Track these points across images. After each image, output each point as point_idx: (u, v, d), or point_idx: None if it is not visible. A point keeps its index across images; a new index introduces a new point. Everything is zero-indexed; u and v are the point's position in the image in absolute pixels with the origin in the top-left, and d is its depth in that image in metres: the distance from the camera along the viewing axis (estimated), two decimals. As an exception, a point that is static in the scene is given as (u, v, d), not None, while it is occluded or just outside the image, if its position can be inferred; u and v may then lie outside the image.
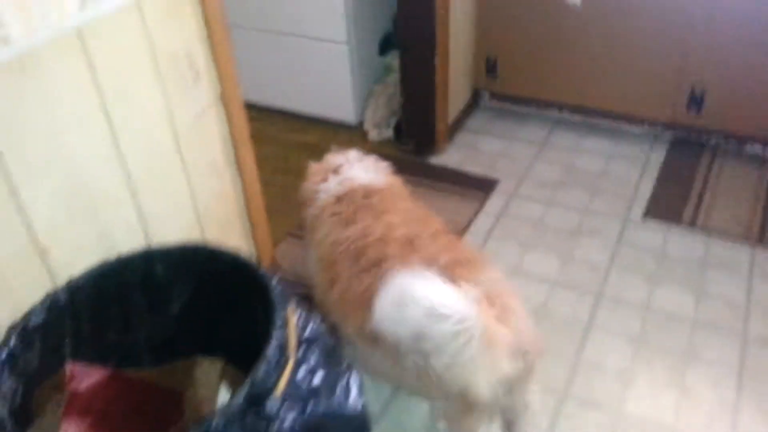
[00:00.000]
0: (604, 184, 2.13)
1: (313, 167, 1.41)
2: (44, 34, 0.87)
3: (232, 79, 1.22)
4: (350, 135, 2.49)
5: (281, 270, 1.67)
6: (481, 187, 2.15)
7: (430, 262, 1.08)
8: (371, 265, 1.11)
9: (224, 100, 1.21)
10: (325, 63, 2.36)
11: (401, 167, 1.92)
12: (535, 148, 2.33)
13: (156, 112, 1.08)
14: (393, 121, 2.39)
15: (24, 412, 0.86)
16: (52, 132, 0.91)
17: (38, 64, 0.87)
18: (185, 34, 1.10)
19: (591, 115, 2.34)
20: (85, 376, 0.90)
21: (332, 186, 1.30)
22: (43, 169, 0.91)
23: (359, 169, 1.34)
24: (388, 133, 2.41)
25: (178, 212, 1.18)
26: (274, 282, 0.92)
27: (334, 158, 1.40)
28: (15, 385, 0.85)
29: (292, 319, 0.90)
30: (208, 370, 1.09)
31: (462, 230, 1.96)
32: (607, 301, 1.71)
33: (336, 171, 1.34)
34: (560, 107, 2.37)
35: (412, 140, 2.33)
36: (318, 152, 2.20)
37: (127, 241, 1.08)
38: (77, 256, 0.99)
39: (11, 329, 0.87)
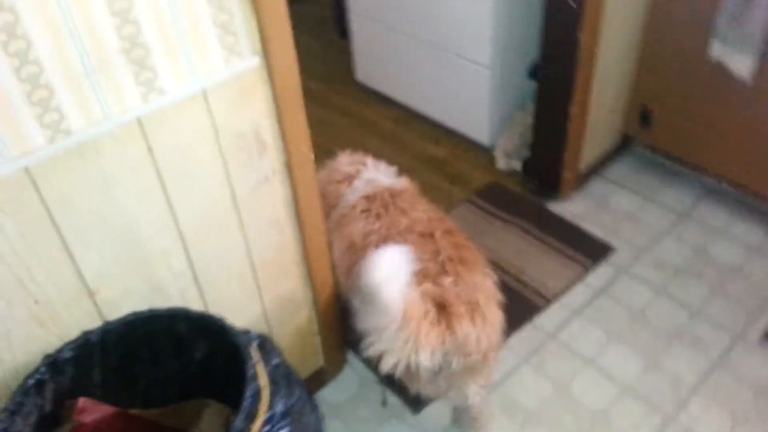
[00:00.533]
0: (734, 284, 1.87)
1: (334, 172, 1.56)
2: (105, 125, 0.97)
3: (301, 146, 1.26)
4: (478, 156, 2.43)
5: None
6: (592, 252, 2.00)
7: (437, 254, 1.27)
8: None
9: (290, 166, 1.26)
10: (468, 81, 2.30)
11: (514, 205, 1.87)
12: (672, 218, 2.10)
13: (215, 182, 1.16)
14: (524, 154, 2.29)
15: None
16: (107, 201, 1.03)
17: (97, 151, 0.98)
18: (253, 115, 1.15)
19: (751, 194, 2.04)
20: (94, 411, 1.05)
21: (360, 187, 1.48)
22: (96, 229, 1.04)
23: (380, 173, 1.53)
24: (517, 164, 2.32)
25: (231, 261, 1.28)
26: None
27: (350, 162, 1.58)
28: (39, 407, 1.03)
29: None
30: (215, 413, 1.20)
31: (552, 296, 1.87)
32: (677, 429, 1.55)
33: (356, 175, 1.52)
34: (718, 177, 2.09)
35: (536, 180, 2.22)
36: (442, 170, 2.18)
37: (176, 285, 1.20)
38: (125, 298, 1.13)
39: (45, 358, 1.04)
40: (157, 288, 1.18)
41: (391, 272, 1.07)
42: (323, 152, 2.24)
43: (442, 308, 1.18)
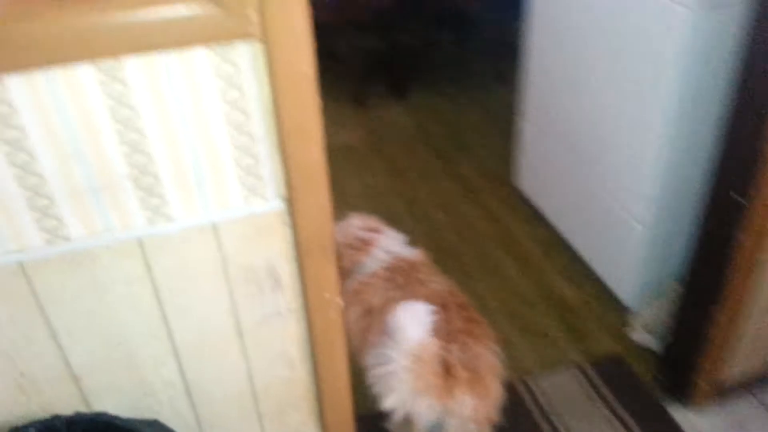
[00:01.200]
0: None
1: (350, 237, 1.58)
2: (104, 239, 0.99)
3: (324, 293, 1.17)
4: (613, 316, 2.11)
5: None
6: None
7: (449, 323, 1.35)
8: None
9: (308, 309, 1.18)
10: (622, 232, 2.01)
11: (631, 395, 1.65)
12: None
13: (217, 308, 1.13)
14: (667, 336, 1.92)
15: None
16: (99, 305, 1.05)
17: (93, 260, 1.00)
18: (270, 253, 1.10)
19: None
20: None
21: (380, 256, 1.54)
22: (86, 327, 1.07)
23: (394, 242, 1.58)
24: (655, 344, 1.96)
25: (228, 383, 1.24)
26: None
27: (364, 227, 1.60)
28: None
29: None
30: None
31: None
32: None
33: (372, 243, 1.56)
34: None
35: (669, 375, 1.84)
36: (565, 318, 1.95)
37: (166, 393, 1.19)
38: (111, 391, 1.15)
39: (12, 429, 1.09)
40: (147, 392, 1.18)
41: (415, 317, 1.24)
42: (450, 255, 2.12)
43: (446, 370, 1.27)
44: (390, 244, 1.56)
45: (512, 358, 1.87)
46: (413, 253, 1.57)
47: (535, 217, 2.54)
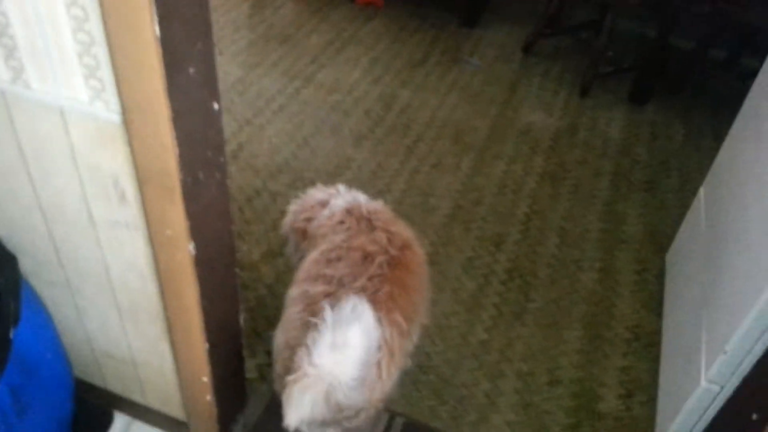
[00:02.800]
0: None
1: (297, 204, 1.58)
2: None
3: (166, 230, 1.10)
4: None
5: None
6: None
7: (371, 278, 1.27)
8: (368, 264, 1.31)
9: (152, 241, 1.13)
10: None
11: None
12: None
13: (72, 192, 1.14)
14: None
15: None
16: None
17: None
18: (113, 165, 1.05)
19: None
20: None
21: (336, 207, 1.48)
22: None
23: (352, 195, 1.52)
24: None
25: (90, 263, 1.27)
26: None
27: (319, 192, 1.57)
28: None
29: None
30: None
31: None
32: None
33: (327, 201, 1.51)
34: None
35: None
36: None
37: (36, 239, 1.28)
38: None
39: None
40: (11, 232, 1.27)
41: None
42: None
43: None
44: (348, 197, 1.51)
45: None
46: (373, 204, 1.51)
47: (653, 301, 2.05)
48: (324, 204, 1.52)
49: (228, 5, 3.54)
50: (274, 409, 1.64)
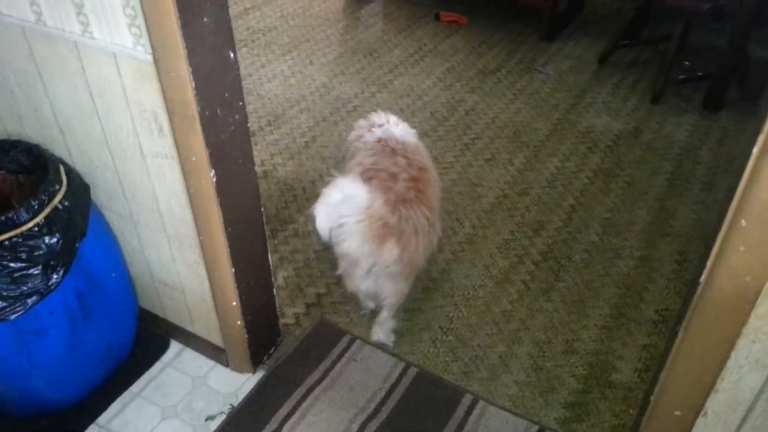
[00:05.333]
0: None
1: (362, 122, 2.01)
2: (62, 35, 1.37)
3: (192, 157, 1.36)
4: None
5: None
6: None
7: (396, 192, 1.70)
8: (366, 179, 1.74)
9: (184, 171, 1.39)
10: None
11: None
12: None
13: (125, 126, 1.43)
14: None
15: None
16: (52, 82, 1.47)
17: (55, 45, 1.40)
18: (151, 100, 1.33)
19: None
20: None
21: (376, 134, 1.90)
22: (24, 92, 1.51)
23: (397, 128, 1.94)
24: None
25: (143, 193, 1.57)
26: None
27: (378, 117, 1.99)
28: None
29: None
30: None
31: None
32: None
33: (380, 125, 1.94)
34: None
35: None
36: None
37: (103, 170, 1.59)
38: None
39: None
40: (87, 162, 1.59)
41: (353, 188, 1.60)
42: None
43: (383, 227, 1.61)
44: (390, 128, 1.93)
45: None
46: (409, 138, 1.92)
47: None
48: (372, 127, 1.95)
49: (325, 24, 3.91)
50: (304, 351, 1.86)
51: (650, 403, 1.28)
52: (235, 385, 1.80)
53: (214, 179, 1.39)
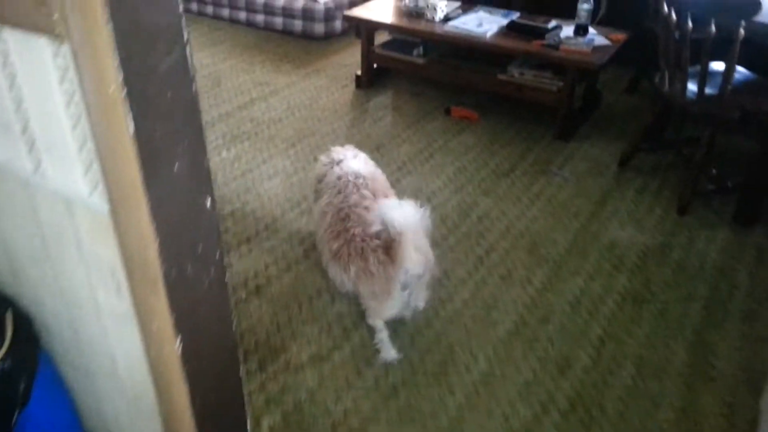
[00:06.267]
0: None
1: (323, 158, 2.29)
2: (13, 172, 1.15)
3: (153, 323, 1.11)
4: None
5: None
6: None
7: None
8: (344, 216, 2.02)
9: (143, 336, 1.14)
10: None
11: None
12: None
13: (84, 290, 1.19)
14: None
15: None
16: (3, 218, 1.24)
17: (7, 183, 1.18)
18: (108, 255, 1.09)
19: None
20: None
21: (336, 171, 2.16)
22: None
23: (354, 161, 2.22)
24: None
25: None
26: None
27: (336, 153, 2.28)
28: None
29: None
30: None
31: None
32: None
33: (339, 162, 2.20)
34: None
35: None
36: None
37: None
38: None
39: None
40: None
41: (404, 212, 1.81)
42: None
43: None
44: (348, 163, 2.19)
45: None
46: (366, 168, 2.20)
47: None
48: (333, 164, 2.21)
49: (333, 117, 3.76)
50: None
51: None
52: None
53: (180, 349, 1.13)
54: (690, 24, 2.57)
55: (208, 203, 1.09)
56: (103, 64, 0.85)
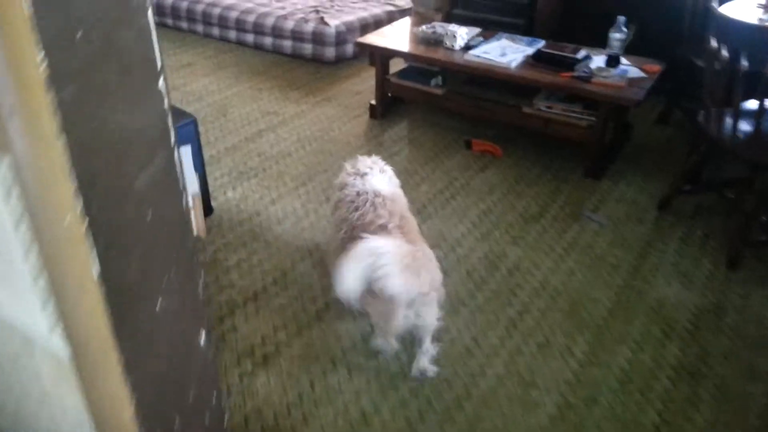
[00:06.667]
0: None
1: (348, 167, 2.19)
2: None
3: None
4: None
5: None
6: None
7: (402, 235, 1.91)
8: (356, 236, 1.87)
9: None
10: None
11: None
12: None
13: None
14: None
15: None
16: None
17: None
18: (75, 403, 0.84)
19: None
20: None
21: (358, 185, 2.08)
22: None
23: (378, 177, 2.13)
24: None
25: None
26: None
27: (363, 163, 2.19)
28: None
29: None
30: None
31: None
32: None
33: (363, 175, 2.12)
34: None
35: None
36: None
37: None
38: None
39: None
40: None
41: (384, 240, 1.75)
42: None
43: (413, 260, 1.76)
44: (373, 179, 2.11)
45: None
46: (388, 188, 2.12)
47: None
48: (357, 175, 2.13)
49: (345, 150, 3.52)
50: None
51: None
52: None
53: None
54: (744, 62, 2.31)
55: (202, 339, 0.83)
56: (56, 188, 0.61)
